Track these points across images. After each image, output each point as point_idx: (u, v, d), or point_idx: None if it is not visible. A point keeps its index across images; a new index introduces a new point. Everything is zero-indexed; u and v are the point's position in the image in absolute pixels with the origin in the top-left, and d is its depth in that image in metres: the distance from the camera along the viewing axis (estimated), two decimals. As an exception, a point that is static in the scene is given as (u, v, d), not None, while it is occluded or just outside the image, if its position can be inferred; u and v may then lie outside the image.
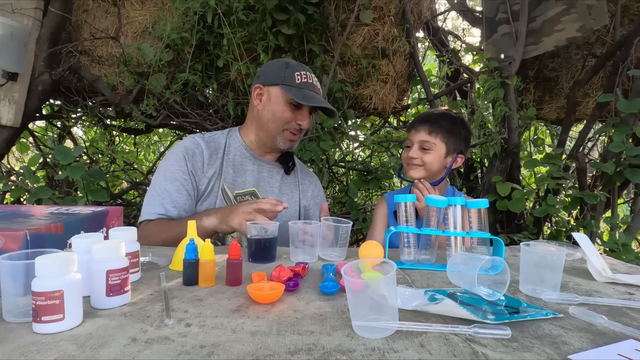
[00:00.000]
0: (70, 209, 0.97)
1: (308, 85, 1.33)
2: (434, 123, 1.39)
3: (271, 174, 1.43)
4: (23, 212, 0.92)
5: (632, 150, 2.08)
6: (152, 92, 2.20)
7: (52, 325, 0.57)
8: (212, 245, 0.82)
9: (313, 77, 1.37)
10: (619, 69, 2.34)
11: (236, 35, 2.11)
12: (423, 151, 1.40)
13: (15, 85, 2.07)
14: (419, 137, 1.40)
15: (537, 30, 2.44)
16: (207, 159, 1.32)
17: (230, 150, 1.38)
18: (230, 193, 1.33)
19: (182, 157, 1.29)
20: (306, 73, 1.34)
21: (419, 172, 1.40)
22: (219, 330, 0.59)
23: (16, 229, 0.73)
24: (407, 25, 2.49)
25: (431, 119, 1.41)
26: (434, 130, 1.39)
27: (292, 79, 1.31)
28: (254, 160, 1.40)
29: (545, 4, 2.39)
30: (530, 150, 3.20)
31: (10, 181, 2.32)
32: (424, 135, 1.39)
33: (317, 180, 1.57)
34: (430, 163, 1.39)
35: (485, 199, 1.02)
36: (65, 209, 0.97)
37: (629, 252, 2.00)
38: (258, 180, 1.39)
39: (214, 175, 1.32)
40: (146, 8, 2.30)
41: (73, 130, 3.22)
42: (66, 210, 0.96)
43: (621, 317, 0.69)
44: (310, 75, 1.36)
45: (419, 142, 1.40)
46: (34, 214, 0.91)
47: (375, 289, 0.60)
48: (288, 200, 1.43)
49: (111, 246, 0.68)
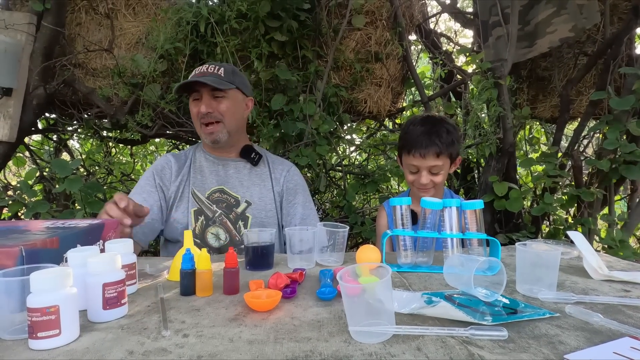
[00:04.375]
0: (66, 222, 0.96)
1: (195, 75, 1.37)
2: (439, 145, 1.33)
3: (237, 169, 1.48)
4: (19, 228, 0.92)
5: (626, 147, 2.10)
6: (147, 102, 2.20)
7: (49, 341, 0.57)
8: (208, 255, 0.82)
9: (205, 66, 1.40)
10: (610, 66, 2.36)
11: (229, 44, 2.12)
12: (433, 175, 1.37)
13: (10, 101, 2.07)
14: (428, 164, 1.34)
15: (531, 33, 2.47)
16: (176, 170, 1.45)
17: (196, 158, 1.50)
18: (201, 195, 1.42)
19: (152, 173, 1.44)
20: (199, 68, 1.40)
21: (431, 192, 1.40)
22: (217, 340, 0.59)
23: (11, 246, 0.73)
24: (399, 28, 2.50)
25: (434, 141, 1.33)
26: (441, 152, 1.34)
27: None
28: (218, 162, 1.48)
29: (536, 7, 2.42)
30: (526, 149, 3.21)
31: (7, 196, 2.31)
32: (433, 161, 1.34)
33: (291, 166, 1.57)
34: (441, 182, 1.39)
35: (480, 200, 1.02)
36: (61, 223, 0.96)
37: (627, 248, 2.01)
38: (225, 178, 1.45)
39: (182, 182, 1.44)
40: (139, 19, 2.31)
41: (69, 143, 3.21)
42: (62, 223, 0.95)
43: (617, 314, 0.70)
44: (203, 66, 1.41)
45: (428, 167, 1.35)
46: (29, 229, 0.90)
47: (371, 293, 0.61)
48: (261, 189, 1.46)
49: (107, 259, 0.68)
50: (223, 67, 1.40)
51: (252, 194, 1.44)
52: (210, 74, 1.36)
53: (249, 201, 1.42)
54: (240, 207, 1.41)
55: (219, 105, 1.38)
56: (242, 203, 1.42)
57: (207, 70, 1.38)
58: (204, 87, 1.36)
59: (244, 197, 1.42)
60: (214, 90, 1.37)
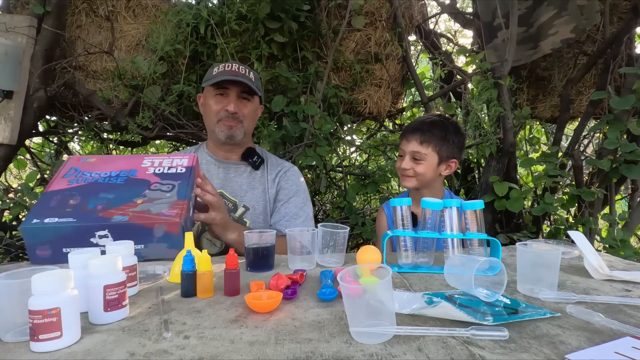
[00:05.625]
0: (158, 160, 1.12)
1: (225, 73, 1.37)
2: (425, 132, 1.37)
3: (238, 173, 1.47)
4: (135, 178, 1.04)
5: (626, 146, 2.09)
6: (148, 104, 2.21)
7: (50, 343, 0.57)
8: (209, 256, 0.82)
9: (234, 65, 1.40)
10: (610, 66, 2.36)
11: (229, 45, 2.12)
12: (415, 162, 1.38)
13: (11, 103, 2.07)
14: (411, 148, 1.38)
15: (534, 35, 2.48)
16: None
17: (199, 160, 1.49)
18: None
19: None
20: (225, 65, 1.40)
21: (412, 182, 1.40)
22: (218, 342, 0.59)
23: (174, 215, 0.92)
24: (398, 29, 2.51)
25: (422, 128, 1.38)
26: (425, 140, 1.36)
27: (211, 74, 1.40)
28: (219, 165, 1.47)
29: (538, 10, 2.42)
30: (526, 149, 3.21)
31: (9, 199, 2.31)
32: (416, 146, 1.37)
33: (290, 167, 1.54)
34: (422, 174, 1.38)
35: (481, 200, 1.02)
36: (158, 163, 1.10)
37: (628, 247, 2.01)
38: (225, 182, 1.44)
39: None
40: (139, 22, 2.32)
41: (70, 146, 3.22)
42: (159, 164, 1.10)
43: (618, 314, 0.70)
44: (231, 64, 1.40)
45: (411, 152, 1.38)
46: (143, 178, 1.04)
47: (371, 294, 0.61)
48: (259, 194, 1.44)
49: (108, 261, 0.68)
50: (252, 72, 1.42)
51: (250, 198, 1.42)
52: (242, 75, 1.36)
53: (246, 206, 1.41)
54: (238, 212, 1.39)
55: (244, 107, 1.40)
56: (240, 208, 1.40)
57: (238, 71, 1.38)
58: (235, 86, 1.36)
59: (241, 202, 1.41)
60: (243, 92, 1.38)
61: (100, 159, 1.11)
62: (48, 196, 0.98)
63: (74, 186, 1.01)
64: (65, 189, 1.00)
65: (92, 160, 1.10)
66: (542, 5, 2.41)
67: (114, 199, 0.98)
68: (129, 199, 0.98)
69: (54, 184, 1.01)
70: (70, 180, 1.03)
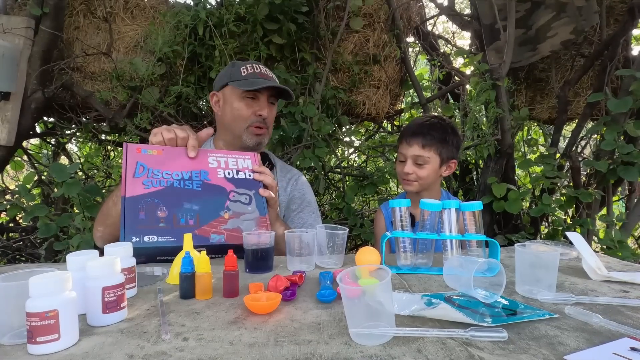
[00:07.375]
0: (230, 165, 1.13)
1: (255, 75, 1.34)
2: (426, 136, 1.36)
3: None
4: (208, 183, 1.06)
5: (624, 147, 2.10)
6: (146, 105, 2.20)
7: (48, 345, 0.57)
8: (207, 258, 0.82)
9: (261, 66, 1.38)
10: (607, 68, 2.37)
11: (228, 47, 2.12)
12: (417, 166, 1.37)
13: (8, 104, 2.07)
14: (412, 152, 1.37)
15: (533, 38, 2.49)
16: None
17: None
18: None
19: None
20: (252, 65, 1.36)
21: (414, 186, 1.40)
22: (217, 343, 0.59)
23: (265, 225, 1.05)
24: (397, 30, 2.51)
25: (423, 131, 1.37)
26: (427, 143, 1.35)
27: (238, 74, 1.34)
28: None
29: (536, 13, 2.44)
30: (524, 150, 3.22)
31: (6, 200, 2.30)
32: (418, 150, 1.36)
33: (300, 175, 1.53)
34: (425, 177, 1.37)
35: (479, 201, 1.03)
36: (224, 163, 1.12)
37: (625, 249, 2.01)
38: None
39: None
40: (137, 23, 2.32)
41: (67, 147, 3.21)
42: (227, 167, 1.12)
43: (616, 315, 0.70)
44: (258, 65, 1.37)
45: (413, 157, 1.37)
46: (219, 184, 1.07)
47: (371, 295, 0.61)
48: None
49: (106, 262, 0.68)
50: (274, 75, 1.39)
51: None
52: (272, 79, 1.34)
53: None
54: None
55: (271, 112, 1.38)
56: None
57: (267, 74, 1.35)
58: (267, 90, 1.33)
59: None
60: (271, 95, 1.36)
61: (162, 152, 1.07)
62: (131, 204, 0.97)
63: (151, 191, 1.00)
64: (145, 195, 0.99)
65: (153, 153, 1.06)
66: (540, 9, 2.42)
67: (201, 211, 1.02)
68: (215, 211, 1.04)
69: (129, 187, 0.99)
70: (145, 182, 1.01)
